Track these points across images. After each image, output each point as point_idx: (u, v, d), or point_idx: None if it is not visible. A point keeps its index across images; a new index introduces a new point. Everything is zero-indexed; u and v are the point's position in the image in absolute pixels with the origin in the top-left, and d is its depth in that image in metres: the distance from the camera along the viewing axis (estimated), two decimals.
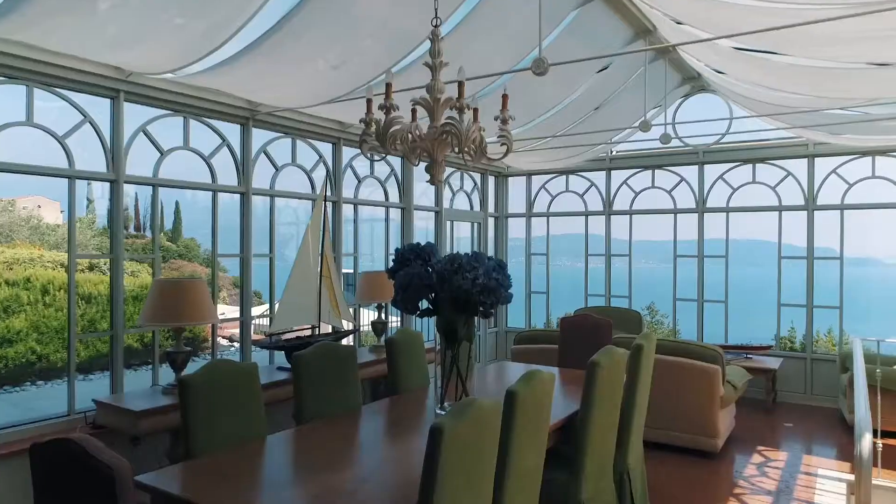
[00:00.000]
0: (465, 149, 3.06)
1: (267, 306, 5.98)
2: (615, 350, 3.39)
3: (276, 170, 5.82)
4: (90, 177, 4.40)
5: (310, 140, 6.12)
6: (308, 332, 5.25)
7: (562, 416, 3.30)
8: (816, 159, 7.29)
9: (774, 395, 6.92)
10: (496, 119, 3.05)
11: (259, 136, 5.64)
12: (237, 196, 5.46)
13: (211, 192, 5.24)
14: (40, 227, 19.66)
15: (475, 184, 8.88)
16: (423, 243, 3.32)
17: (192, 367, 3.33)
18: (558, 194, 9.01)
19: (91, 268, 12.92)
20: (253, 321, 5.50)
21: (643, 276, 8.62)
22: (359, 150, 6.86)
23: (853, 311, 7.48)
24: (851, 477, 4.74)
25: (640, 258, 8.62)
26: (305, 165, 6.14)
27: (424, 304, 3.37)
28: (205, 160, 5.21)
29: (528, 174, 9.17)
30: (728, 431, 5.48)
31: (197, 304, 4.04)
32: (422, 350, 4.21)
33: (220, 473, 2.46)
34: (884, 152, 6.89)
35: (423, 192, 8.58)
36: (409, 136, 2.90)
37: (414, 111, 3.09)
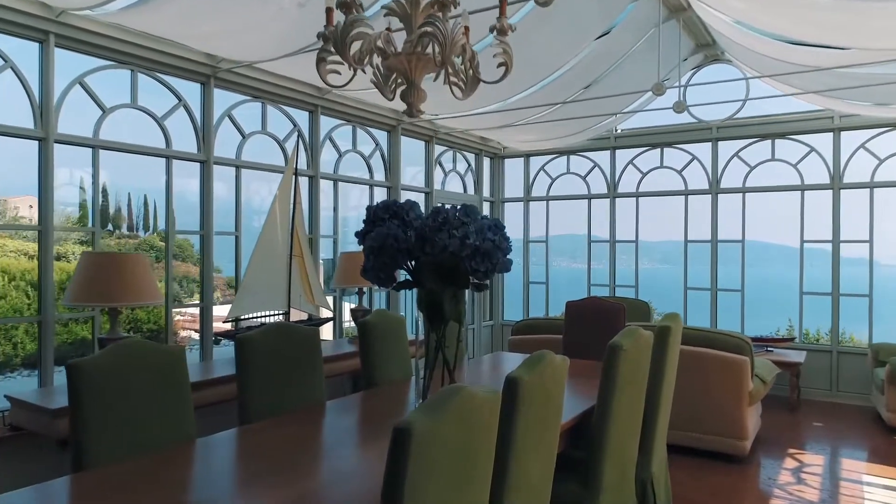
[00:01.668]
0: (452, 70, 2.41)
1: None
2: (640, 331, 2.73)
3: (244, 137, 5.15)
4: (12, 133, 3.71)
5: (283, 106, 5.45)
6: (278, 320, 4.58)
7: (574, 413, 2.63)
8: (843, 133, 6.65)
9: (798, 392, 6.27)
10: (492, 31, 2.39)
11: (223, 99, 4.97)
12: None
13: (164, 159, 4.57)
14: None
15: (469, 164, 8.21)
16: None
17: None
18: (559, 176, 8.35)
19: (58, 257, 12.18)
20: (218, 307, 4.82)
21: (644, 275, 7.94)
22: (340, 122, 6.23)
23: (881, 304, 6.82)
24: None
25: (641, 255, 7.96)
26: (278, 135, 5.47)
27: (404, 279, 2.73)
28: (157, 122, 4.53)
29: (526, 155, 8.51)
30: (755, 432, 4.82)
31: (135, 283, 3.37)
32: (403, 336, 3.54)
33: (118, 488, 1.79)
34: None
35: (413, 176, 7.93)
36: (379, 48, 2.23)
37: (389, 30, 2.43)
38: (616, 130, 7.91)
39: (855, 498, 3.97)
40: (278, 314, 4.57)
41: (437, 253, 2.41)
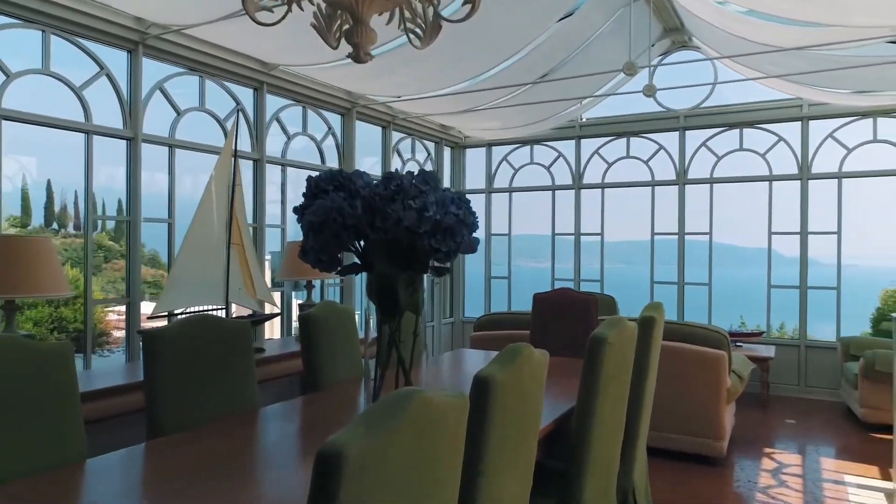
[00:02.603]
0: (409, 13, 2.00)
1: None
2: (625, 321, 2.38)
3: (178, 114, 4.63)
4: None
5: (224, 81, 4.95)
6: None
7: (552, 417, 2.26)
8: (811, 122, 6.50)
9: (768, 388, 6.07)
10: None
11: (154, 70, 4.44)
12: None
13: (84, 135, 4.03)
14: None
15: (429, 153, 7.81)
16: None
17: None
18: (522, 167, 8.02)
19: None
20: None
21: (608, 272, 7.68)
22: (289, 102, 5.74)
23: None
24: (889, 485, 3.87)
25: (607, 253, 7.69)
26: (218, 113, 4.96)
27: (352, 262, 2.31)
28: (74, 92, 3.99)
29: (488, 144, 8.15)
30: (730, 432, 4.56)
31: (35, 272, 2.86)
32: (353, 331, 3.12)
33: None
34: (887, 112, 6.14)
35: (371, 166, 7.50)
36: None
37: None
38: (581, 119, 7.62)
39: (840, 500, 3.72)
40: (214, 310, 4.07)
41: (389, 228, 2.00)
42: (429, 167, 7.80)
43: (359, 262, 2.25)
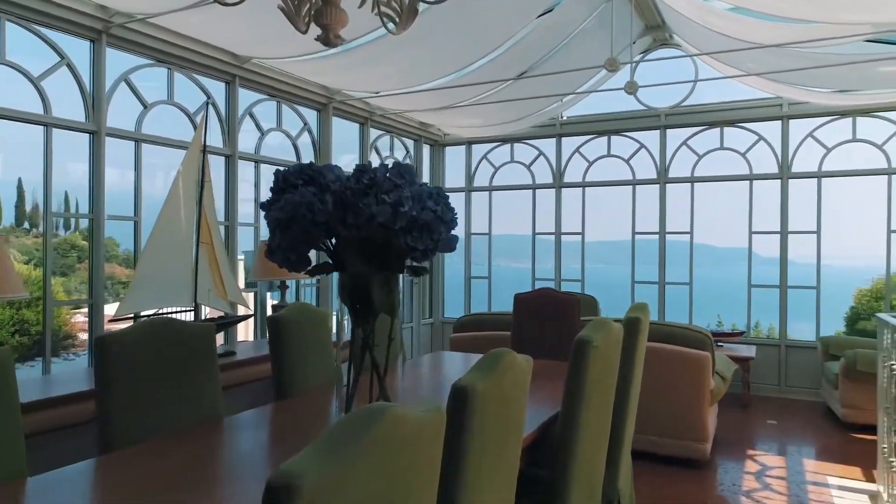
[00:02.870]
0: None
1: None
2: (611, 323, 2.27)
3: (145, 108, 4.44)
4: None
5: (194, 74, 4.76)
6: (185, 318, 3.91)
7: (536, 424, 2.14)
8: (791, 121, 6.49)
9: (748, 388, 6.04)
10: None
11: (119, 61, 4.25)
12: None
13: (43, 128, 3.83)
14: None
15: (407, 151, 7.67)
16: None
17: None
18: (502, 165, 7.92)
19: None
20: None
21: (589, 272, 7.61)
22: (263, 96, 5.56)
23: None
24: (873, 486, 3.83)
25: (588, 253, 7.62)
26: (188, 107, 4.78)
27: (323, 262, 2.18)
28: (32, 82, 3.79)
29: (468, 142, 8.03)
30: (713, 434, 4.49)
31: None
32: (327, 334, 2.97)
33: None
34: (866, 112, 6.14)
35: (348, 163, 7.33)
36: None
37: None
38: (562, 117, 7.54)
39: (824, 503, 3.67)
40: (182, 312, 3.90)
41: (361, 224, 1.87)
42: None
43: (330, 261, 2.12)
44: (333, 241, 2.07)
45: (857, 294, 11.03)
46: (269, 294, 6.27)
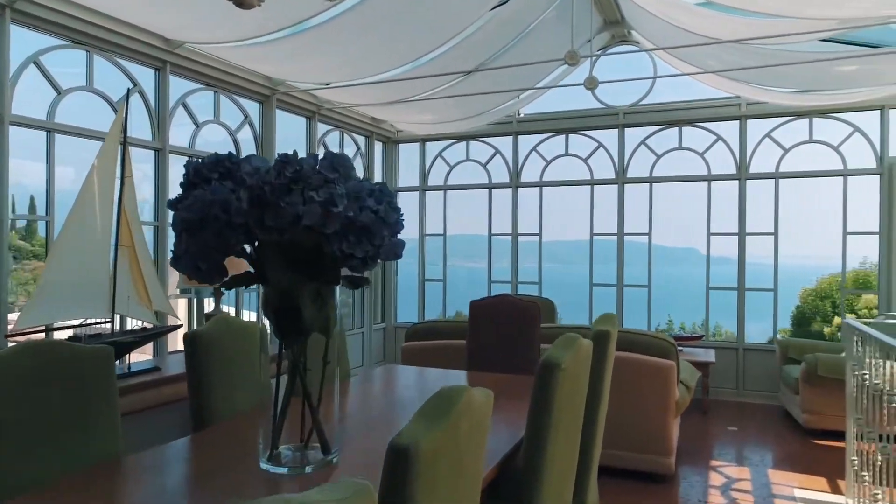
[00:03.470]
0: None
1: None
2: (580, 340, 1.99)
3: (59, 94, 3.97)
4: None
5: (118, 59, 4.30)
6: (100, 331, 3.48)
7: (496, 460, 1.85)
8: (749, 121, 6.40)
9: (708, 393, 5.91)
10: None
11: (27, 41, 3.78)
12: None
13: None
14: None
15: (359, 148, 7.30)
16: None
17: None
18: (457, 163, 7.63)
19: None
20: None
21: (546, 273, 7.39)
22: (198, 85, 5.12)
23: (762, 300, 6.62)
24: (840, 499, 3.69)
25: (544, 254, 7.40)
26: (112, 95, 4.32)
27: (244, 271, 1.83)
28: None
29: (422, 140, 7.72)
30: (676, 446, 4.30)
31: None
32: (257, 349, 2.61)
33: None
34: (823, 112, 6.09)
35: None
36: None
37: None
38: (518, 114, 7.30)
39: None
40: (99, 323, 3.46)
41: (285, 228, 1.53)
42: (359, 163, 7.30)
43: (251, 270, 1.78)
44: (255, 245, 1.74)
45: (802, 293, 11.20)
46: (209, 300, 5.83)
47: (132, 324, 4.10)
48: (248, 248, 1.74)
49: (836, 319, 9.63)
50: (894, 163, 5.81)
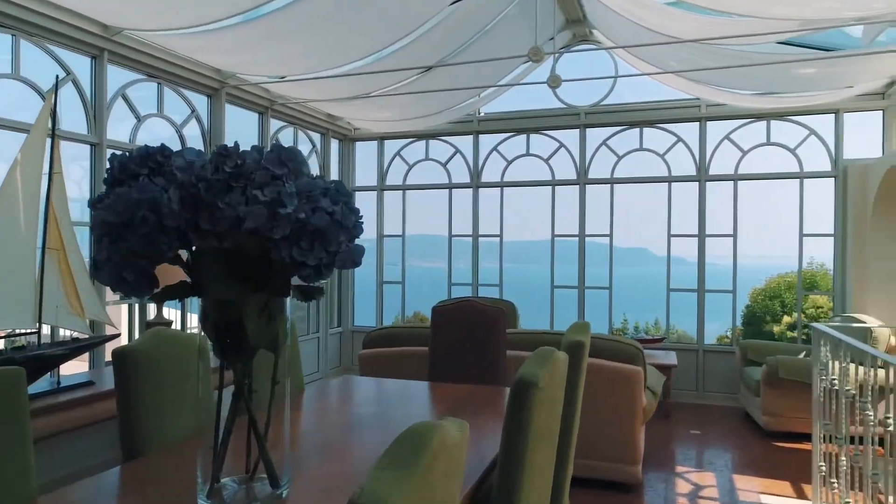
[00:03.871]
0: None
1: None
2: (556, 354, 1.83)
3: None
4: None
5: (49, 45, 3.96)
6: (22, 343, 3.16)
7: (467, 487, 1.66)
8: (709, 123, 6.41)
9: (669, 396, 5.88)
10: None
11: None
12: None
13: None
14: None
15: (314, 146, 7.03)
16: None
17: None
18: (417, 163, 7.44)
19: None
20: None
21: (507, 274, 7.27)
22: (139, 76, 4.77)
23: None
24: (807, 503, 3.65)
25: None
26: (40, 85, 3.97)
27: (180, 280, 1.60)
28: None
29: (380, 138, 7.50)
30: (643, 453, 4.20)
31: None
32: (195, 367, 2.36)
33: None
34: (780, 115, 6.14)
35: None
36: None
37: None
38: (479, 113, 7.16)
39: None
40: (23, 334, 3.14)
41: (224, 232, 1.32)
42: (314, 161, 7.03)
43: (188, 280, 1.55)
44: (193, 250, 1.51)
45: (751, 293, 11.40)
46: (152, 306, 5.49)
47: (64, 333, 3.78)
48: (183, 253, 1.52)
49: (786, 318, 9.81)
50: (848, 166, 5.89)
